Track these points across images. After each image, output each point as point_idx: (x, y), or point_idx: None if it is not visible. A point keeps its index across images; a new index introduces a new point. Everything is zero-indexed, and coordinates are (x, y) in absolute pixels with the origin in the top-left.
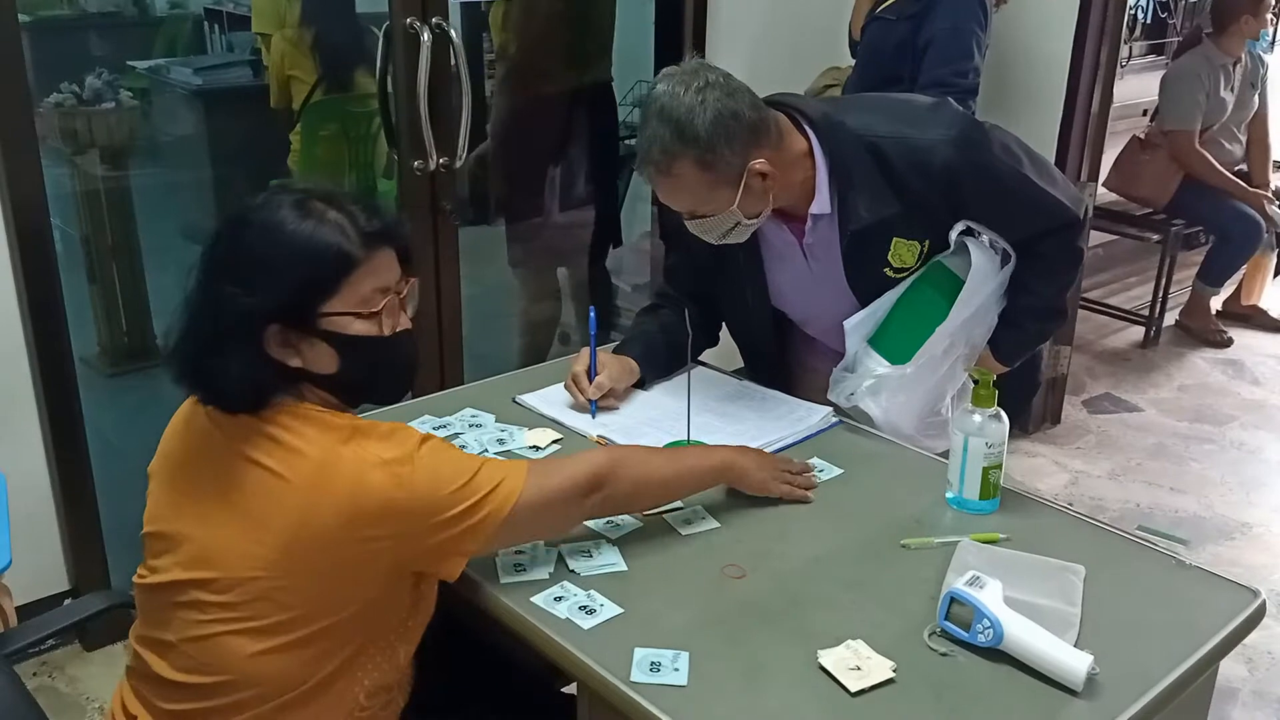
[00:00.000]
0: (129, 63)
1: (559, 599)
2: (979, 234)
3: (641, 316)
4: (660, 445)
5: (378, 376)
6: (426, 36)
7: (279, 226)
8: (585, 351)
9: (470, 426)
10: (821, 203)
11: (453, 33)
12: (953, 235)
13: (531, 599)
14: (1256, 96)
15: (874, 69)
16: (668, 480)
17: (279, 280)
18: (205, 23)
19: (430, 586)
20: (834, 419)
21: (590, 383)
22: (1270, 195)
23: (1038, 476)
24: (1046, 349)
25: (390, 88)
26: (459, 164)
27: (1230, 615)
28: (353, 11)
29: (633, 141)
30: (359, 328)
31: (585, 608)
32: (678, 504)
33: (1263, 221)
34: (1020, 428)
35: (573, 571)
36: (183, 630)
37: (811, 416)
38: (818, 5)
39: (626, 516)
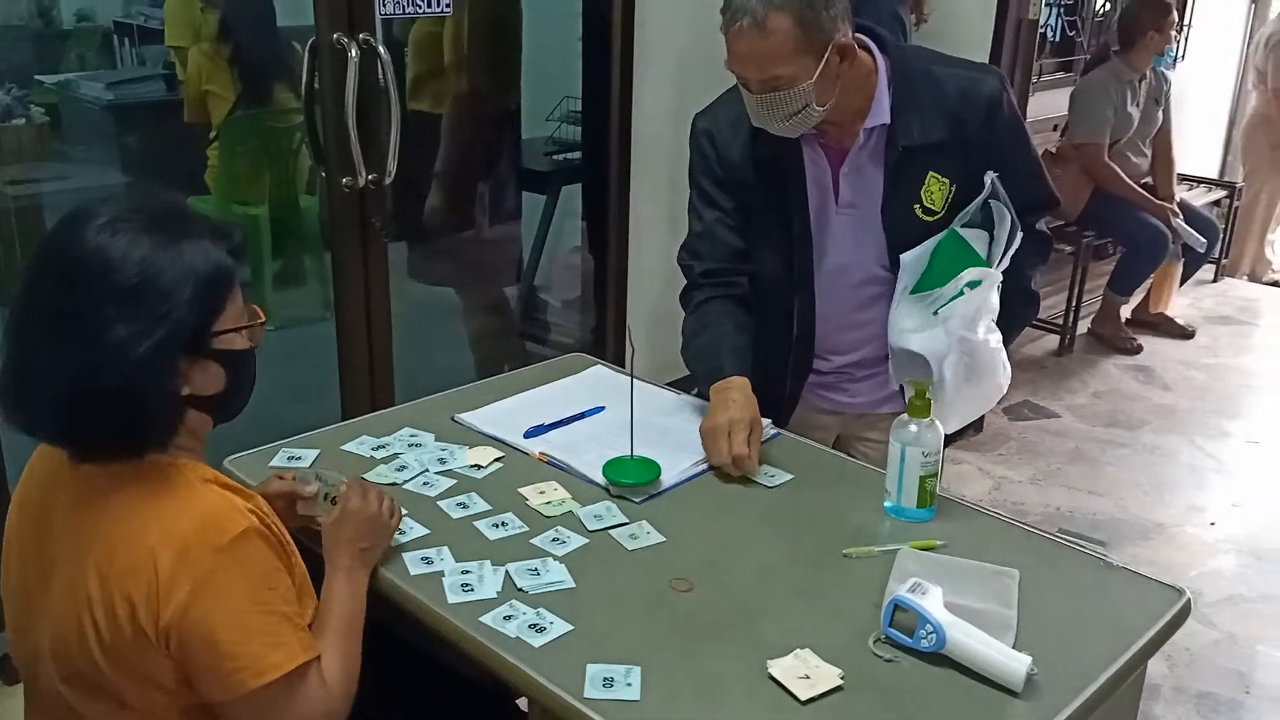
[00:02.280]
0: (36, 77)
1: (508, 618)
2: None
3: (703, 318)
4: (603, 461)
5: (248, 388)
6: (354, 53)
7: (151, 254)
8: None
9: (410, 446)
10: (879, 114)
11: (381, 49)
12: (988, 179)
13: (480, 618)
14: (1161, 112)
15: None
16: (356, 631)
17: (175, 309)
18: (115, 36)
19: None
20: (773, 430)
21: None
22: (1175, 208)
23: (964, 483)
24: None
25: (316, 103)
26: (388, 180)
27: (1158, 614)
28: (274, 26)
29: (561, 157)
30: (241, 342)
31: (535, 625)
32: (624, 519)
33: (1168, 232)
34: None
35: (521, 590)
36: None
37: None
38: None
39: (572, 534)
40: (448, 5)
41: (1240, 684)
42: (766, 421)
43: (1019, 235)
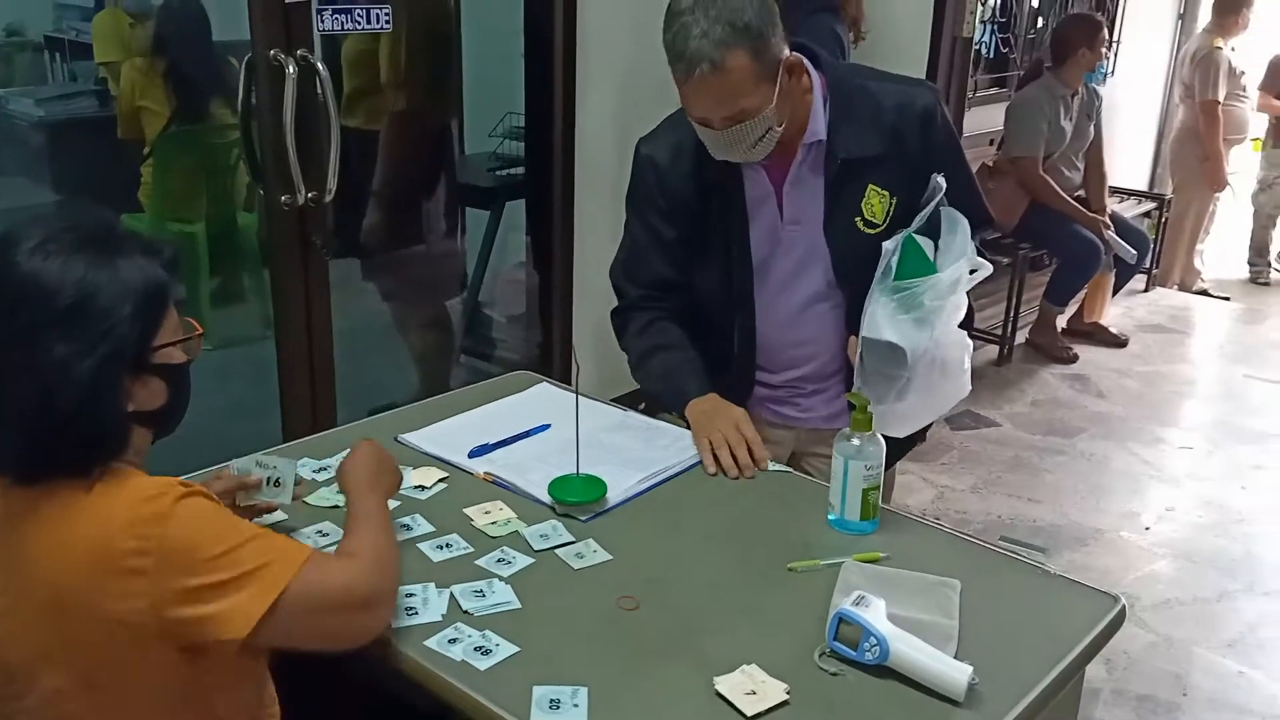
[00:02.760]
0: None
1: (453, 641)
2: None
3: (655, 338)
4: (549, 480)
5: (187, 401)
6: (292, 69)
7: (86, 274)
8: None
9: None
10: (816, 130)
11: (320, 65)
12: (939, 178)
13: (425, 642)
14: (1092, 126)
15: None
16: (386, 530)
17: (115, 326)
18: (45, 51)
19: (254, 661)
20: None
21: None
22: (1107, 220)
23: (907, 493)
24: None
25: (253, 120)
26: (328, 198)
27: (1095, 620)
28: (209, 40)
29: (505, 173)
30: (179, 356)
31: (481, 648)
32: (570, 538)
33: (1101, 244)
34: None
35: (466, 612)
36: None
37: None
38: None
39: (517, 554)
40: (387, 22)
41: (1178, 686)
42: None
43: (972, 242)
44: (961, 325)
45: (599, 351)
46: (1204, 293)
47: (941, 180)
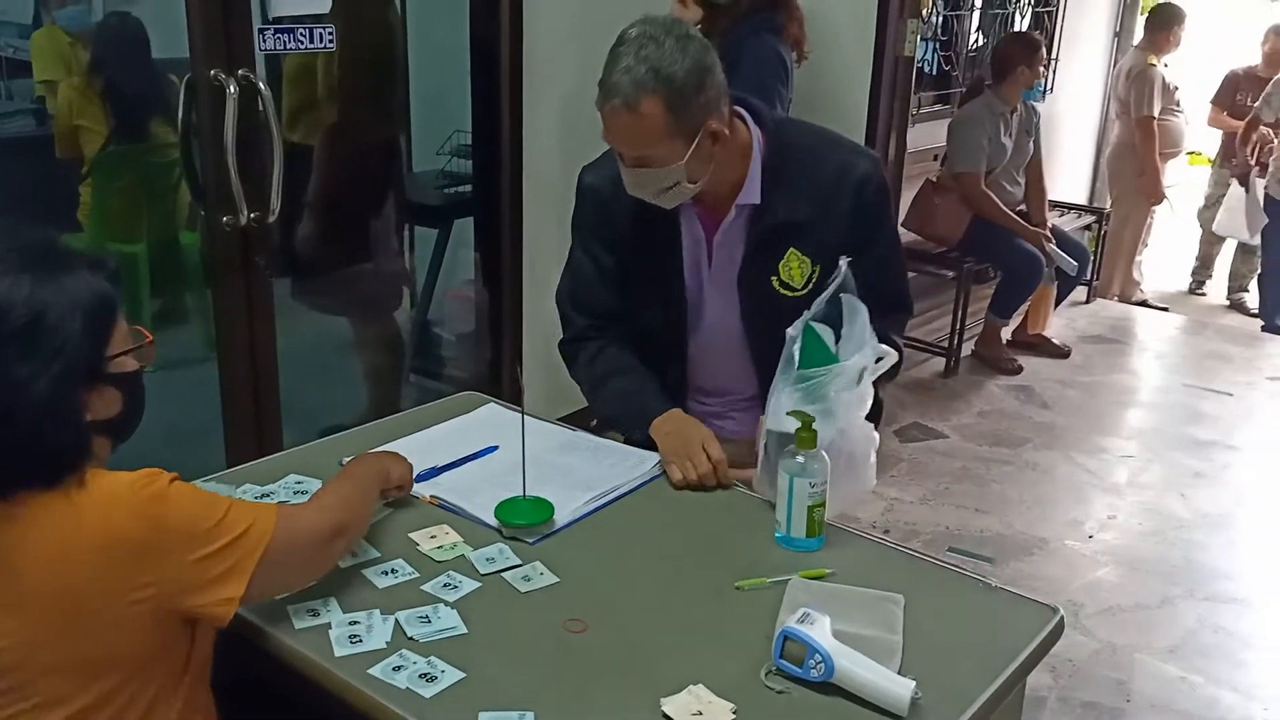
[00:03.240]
0: None
1: (398, 668)
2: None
3: (609, 364)
4: (496, 502)
5: (142, 408)
6: (233, 88)
7: (34, 292)
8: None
9: (296, 494)
10: (751, 193)
11: (260, 85)
12: (843, 263)
13: (369, 671)
14: (1032, 142)
15: None
16: (370, 498)
17: (69, 340)
18: None
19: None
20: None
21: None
22: (1048, 233)
23: (857, 506)
24: None
25: (194, 140)
26: (271, 218)
27: (1034, 632)
28: (149, 59)
29: (453, 190)
30: (132, 364)
31: (426, 675)
32: (517, 561)
33: (1042, 257)
34: None
35: (411, 639)
36: None
37: (645, 464)
38: None
39: (464, 578)
40: (331, 41)
41: (1121, 693)
42: (656, 457)
43: (874, 342)
44: (869, 418)
45: (548, 370)
46: (1143, 303)
47: (844, 265)
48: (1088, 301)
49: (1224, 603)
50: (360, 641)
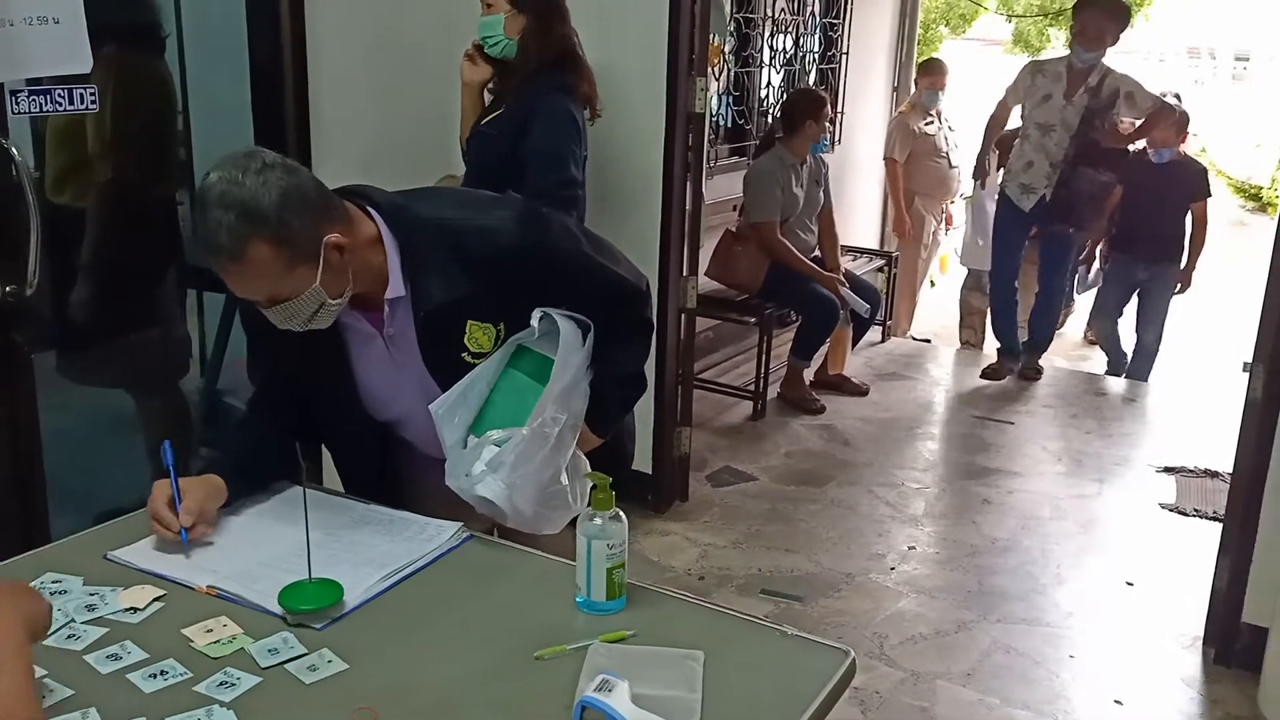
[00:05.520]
0: None
1: None
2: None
3: (235, 432)
4: (279, 588)
5: None
6: None
7: None
8: (160, 483)
9: (53, 594)
10: (396, 286)
11: (14, 150)
12: (534, 320)
13: None
14: (822, 192)
15: (482, 179)
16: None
17: None
18: None
19: None
20: (465, 534)
21: (177, 514)
22: (841, 278)
23: (672, 554)
24: (669, 431)
25: None
26: (29, 291)
27: (828, 676)
28: None
29: None
30: None
31: None
32: (302, 650)
33: (838, 301)
34: (654, 507)
35: None
36: None
37: (442, 534)
38: (430, 110)
39: (243, 674)
40: (94, 101)
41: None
42: (456, 525)
43: (592, 329)
44: (630, 398)
45: None
46: (928, 340)
47: (535, 322)
48: (883, 340)
49: (1014, 624)
50: None
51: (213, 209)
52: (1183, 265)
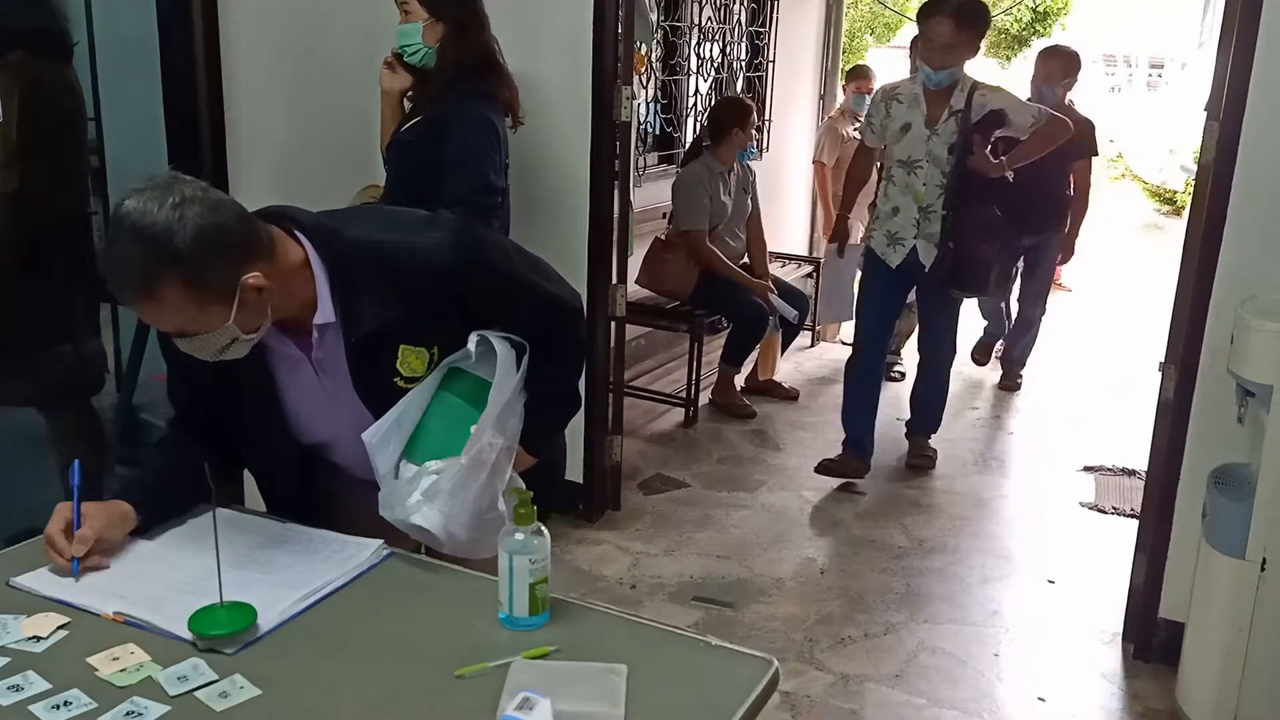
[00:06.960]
0: None
1: None
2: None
3: (154, 451)
4: (190, 612)
5: None
6: None
7: None
8: (61, 506)
9: None
10: (325, 311)
11: None
12: (471, 344)
13: None
14: (749, 199)
15: (403, 187)
16: None
17: None
18: None
19: None
20: (386, 551)
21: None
22: (769, 284)
23: (604, 563)
24: (597, 439)
25: None
26: None
27: (752, 685)
28: None
29: None
30: None
31: None
32: (213, 676)
33: (766, 307)
34: (585, 516)
35: None
36: None
37: (362, 552)
38: (350, 118)
39: (150, 703)
40: None
41: None
42: (376, 543)
43: (527, 350)
44: (567, 414)
45: None
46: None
47: (472, 346)
48: (812, 345)
49: (940, 624)
50: None
51: (124, 240)
52: (1065, 232)
